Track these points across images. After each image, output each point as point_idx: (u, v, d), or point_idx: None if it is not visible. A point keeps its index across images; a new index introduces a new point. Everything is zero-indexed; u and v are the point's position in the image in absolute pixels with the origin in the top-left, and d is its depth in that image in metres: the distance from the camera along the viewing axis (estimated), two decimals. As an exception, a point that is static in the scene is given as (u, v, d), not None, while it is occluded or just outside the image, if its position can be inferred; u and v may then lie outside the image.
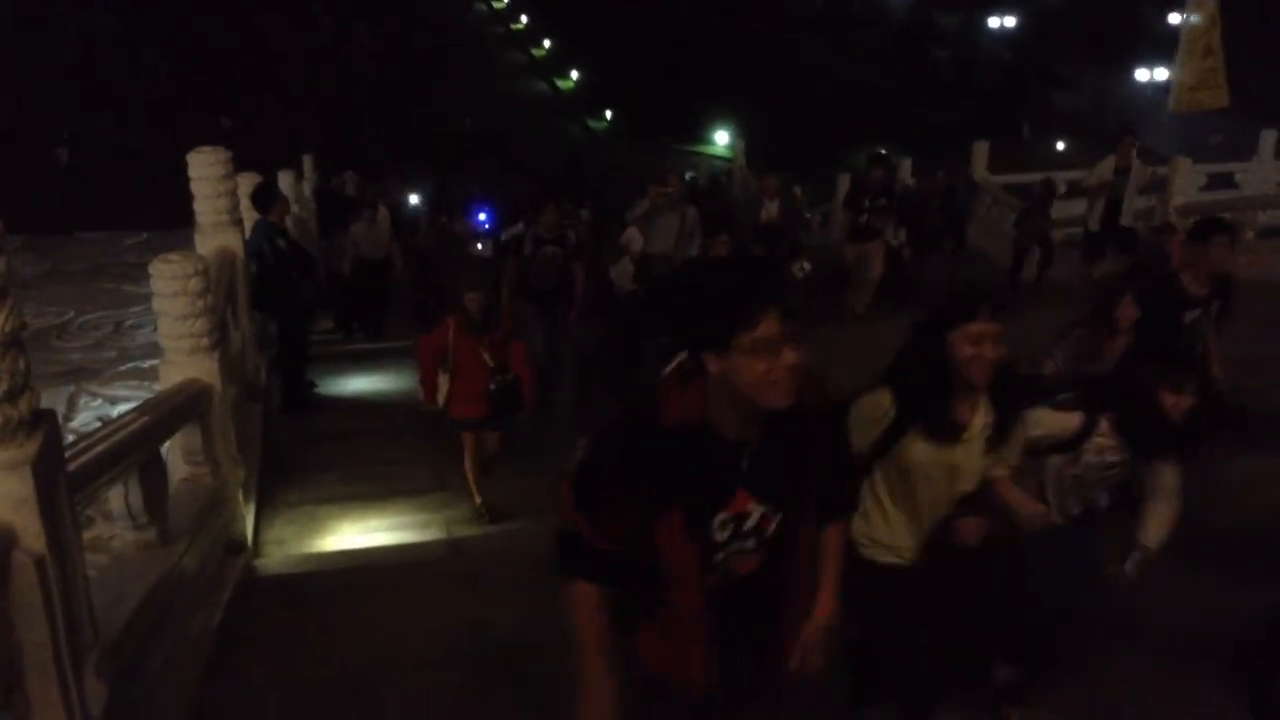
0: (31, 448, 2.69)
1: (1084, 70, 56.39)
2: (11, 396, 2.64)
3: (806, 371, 2.27)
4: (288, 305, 8.80)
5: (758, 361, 2.20)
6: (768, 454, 2.41)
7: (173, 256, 5.32)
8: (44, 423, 2.81)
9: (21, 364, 2.69)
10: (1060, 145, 49.81)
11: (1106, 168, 11.94)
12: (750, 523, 2.48)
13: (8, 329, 2.62)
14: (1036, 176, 16.82)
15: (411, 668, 4.79)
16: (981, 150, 18.33)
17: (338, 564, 6.25)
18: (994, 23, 63.20)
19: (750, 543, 2.51)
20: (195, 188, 7.85)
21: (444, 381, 6.87)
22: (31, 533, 2.67)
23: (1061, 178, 16.57)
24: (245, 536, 6.00)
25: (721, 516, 2.43)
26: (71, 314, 11.22)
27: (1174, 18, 55.82)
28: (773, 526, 2.51)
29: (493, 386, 6.81)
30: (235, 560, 5.62)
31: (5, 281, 2.63)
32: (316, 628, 5.16)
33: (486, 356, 6.77)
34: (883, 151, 12.97)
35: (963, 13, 63.84)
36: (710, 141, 54.07)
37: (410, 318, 12.74)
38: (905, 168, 20.47)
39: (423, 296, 12.95)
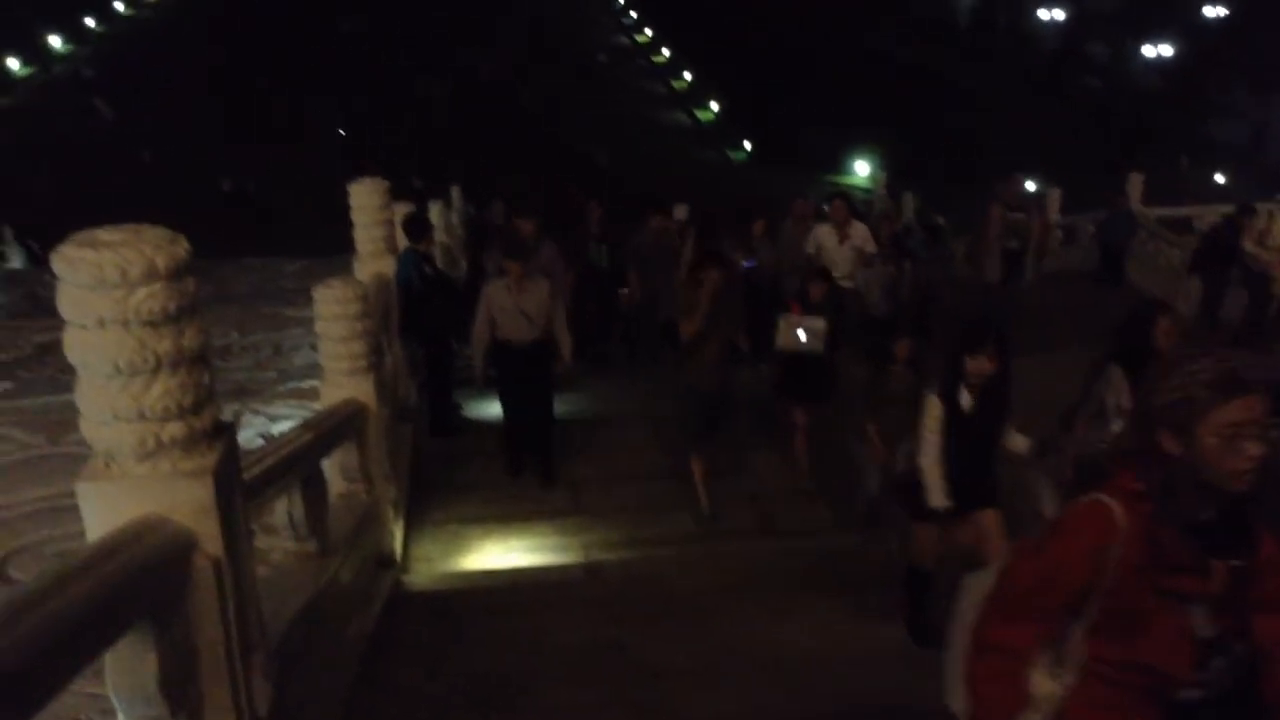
0: (213, 457, 2.85)
1: (1245, 101, 53.97)
2: (196, 409, 2.81)
3: None
4: (433, 331, 9.08)
5: None
6: None
7: (335, 282, 5.57)
8: (224, 434, 2.98)
9: (205, 379, 2.86)
10: (1220, 178, 47.73)
11: None
12: None
13: (194, 346, 2.79)
14: (1194, 210, 16.23)
15: (551, 682, 4.91)
16: (1137, 182, 17.71)
17: (481, 583, 6.45)
18: (1149, 51, 61.09)
19: None
20: (355, 216, 8.17)
21: (1048, 685, 2.54)
22: (211, 538, 2.82)
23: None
24: (395, 552, 6.21)
25: None
26: (235, 335, 11.75)
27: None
28: None
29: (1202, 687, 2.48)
30: (385, 574, 5.83)
31: (193, 301, 2.81)
32: (461, 642, 5.34)
33: (1200, 612, 2.41)
34: None
35: (1115, 40, 61.93)
36: (850, 171, 53.50)
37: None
38: (1054, 198, 19.97)
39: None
